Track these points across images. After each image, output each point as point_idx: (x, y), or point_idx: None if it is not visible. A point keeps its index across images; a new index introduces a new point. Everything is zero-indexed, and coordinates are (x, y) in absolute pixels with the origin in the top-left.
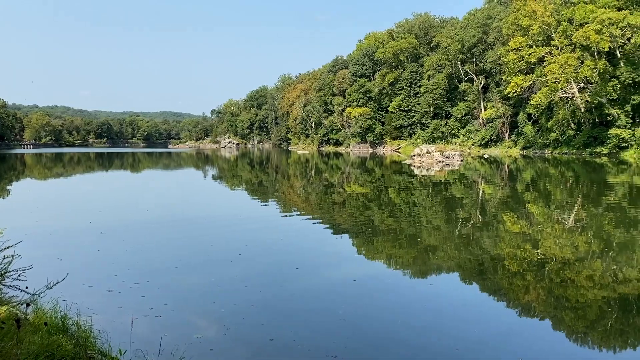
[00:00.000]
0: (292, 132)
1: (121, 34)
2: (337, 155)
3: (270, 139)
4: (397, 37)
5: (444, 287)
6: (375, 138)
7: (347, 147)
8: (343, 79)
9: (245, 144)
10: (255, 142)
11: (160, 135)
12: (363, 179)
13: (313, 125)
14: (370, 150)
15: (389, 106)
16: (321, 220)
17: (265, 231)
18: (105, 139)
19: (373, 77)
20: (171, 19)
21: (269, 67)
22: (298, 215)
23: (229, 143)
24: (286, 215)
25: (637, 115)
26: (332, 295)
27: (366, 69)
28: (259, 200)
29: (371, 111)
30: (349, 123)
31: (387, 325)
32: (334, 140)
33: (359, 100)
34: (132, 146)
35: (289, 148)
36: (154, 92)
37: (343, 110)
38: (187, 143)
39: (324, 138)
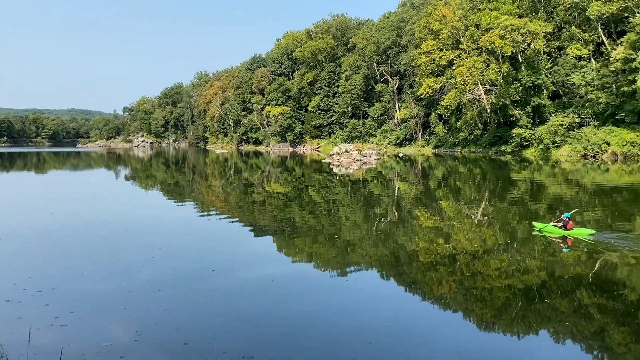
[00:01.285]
0: (209, 130)
1: (26, 28)
2: (257, 154)
3: (186, 138)
4: (315, 37)
5: (361, 283)
6: (295, 137)
7: (267, 146)
8: (262, 77)
9: (160, 143)
10: (171, 141)
11: (67, 134)
12: (283, 178)
13: (232, 124)
14: (291, 149)
15: (308, 105)
16: (240, 221)
17: (181, 233)
18: (4, 138)
19: (292, 76)
20: (80, 12)
21: (184, 64)
22: (216, 216)
23: (142, 142)
24: (204, 216)
25: (536, 116)
26: (249, 296)
27: (285, 68)
28: (175, 202)
29: (291, 110)
30: (268, 122)
31: (304, 323)
32: (254, 139)
33: (279, 99)
34: (37, 145)
35: (207, 147)
36: (61, 89)
37: (262, 109)
38: (97, 142)
39: (243, 137)
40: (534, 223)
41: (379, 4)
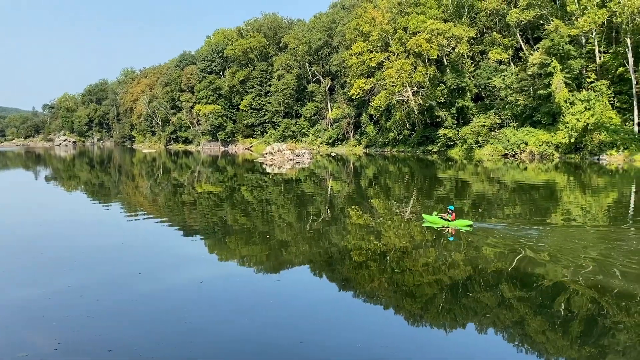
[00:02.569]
0: (136, 129)
1: None
2: (187, 153)
3: (112, 137)
4: (247, 36)
5: (292, 282)
6: (226, 136)
7: (197, 145)
8: (191, 74)
9: (84, 142)
10: (95, 140)
11: None
12: (215, 177)
13: (160, 123)
14: (222, 148)
15: (240, 104)
16: (169, 222)
17: (106, 235)
18: None
19: (223, 74)
20: None
21: (109, 61)
22: (144, 217)
23: (64, 141)
24: (130, 218)
25: (461, 117)
26: (177, 299)
27: (215, 66)
28: (100, 203)
29: (222, 109)
30: (198, 120)
31: (233, 325)
32: (183, 139)
33: (209, 97)
34: None
35: (134, 146)
36: None
37: (192, 107)
38: (13, 141)
39: (172, 136)
40: (423, 215)
41: (310, 5)
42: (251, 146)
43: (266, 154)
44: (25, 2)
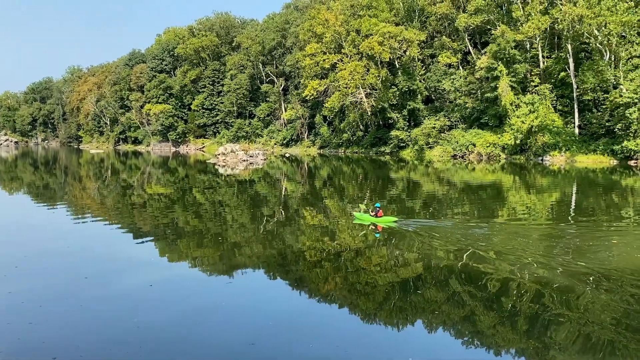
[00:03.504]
0: (83, 129)
1: None
2: (137, 154)
3: (57, 137)
4: (198, 35)
5: (245, 284)
6: (177, 136)
7: (148, 145)
8: (141, 73)
9: (27, 142)
10: (39, 140)
11: None
12: (165, 179)
13: (108, 122)
14: (173, 149)
15: (191, 104)
16: (118, 225)
17: (50, 239)
18: None
19: (174, 74)
20: None
21: (54, 58)
22: (91, 220)
23: (5, 141)
24: (77, 221)
25: (412, 119)
26: (126, 304)
27: (166, 65)
28: (44, 206)
29: (173, 108)
30: (148, 120)
31: (184, 328)
32: (133, 139)
33: (160, 97)
34: None
35: (81, 147)
36: None
37: (142, 107)
38: None
39: (120, 136)
40: (354, 213)
41: (263, 5)
42: (203, 147)
43: (219, 154)
44: None
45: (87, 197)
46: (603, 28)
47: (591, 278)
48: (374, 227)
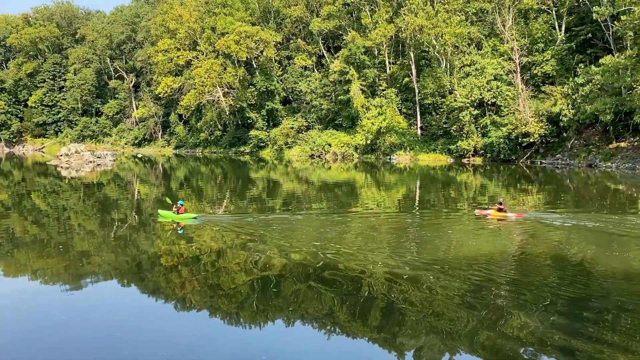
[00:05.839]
0: None
1: None
2: None
3: None
4: (35, 24)
5: (91, 294)
6: (12, 136)
7: None
8: None
9: None
10: None
11: None
12: None
13: None
14: (7, 149)
15: (28, 100)
16: None
17: None
18: None
19: (6, 66)
20: None
21: None
22: None
23: None
24: None
25: (271, 119)
26: None
27: None
28: None
29: (5, 104)
30: None
31: (18, 348)
32: None
33: None
34: None
35: None
36: None
37: None
38: None
39: None
40: (158, 211)
41: None
42: (43, 147)
43: (61, 155)
44: None
45: None
46: (440, 38)
47: (435, 267)
48: (176, 224)
